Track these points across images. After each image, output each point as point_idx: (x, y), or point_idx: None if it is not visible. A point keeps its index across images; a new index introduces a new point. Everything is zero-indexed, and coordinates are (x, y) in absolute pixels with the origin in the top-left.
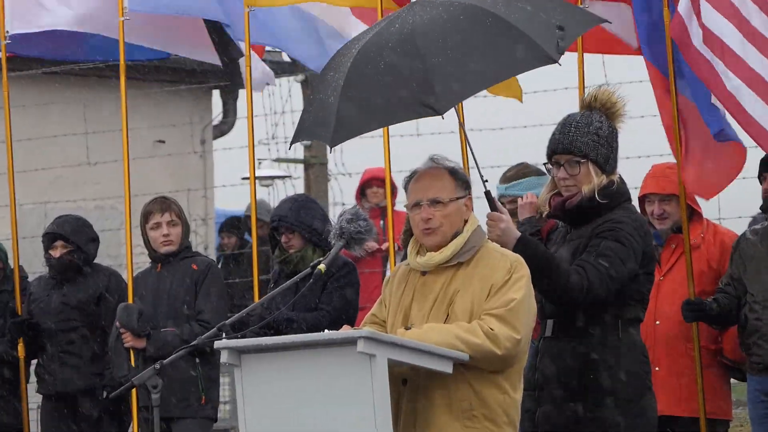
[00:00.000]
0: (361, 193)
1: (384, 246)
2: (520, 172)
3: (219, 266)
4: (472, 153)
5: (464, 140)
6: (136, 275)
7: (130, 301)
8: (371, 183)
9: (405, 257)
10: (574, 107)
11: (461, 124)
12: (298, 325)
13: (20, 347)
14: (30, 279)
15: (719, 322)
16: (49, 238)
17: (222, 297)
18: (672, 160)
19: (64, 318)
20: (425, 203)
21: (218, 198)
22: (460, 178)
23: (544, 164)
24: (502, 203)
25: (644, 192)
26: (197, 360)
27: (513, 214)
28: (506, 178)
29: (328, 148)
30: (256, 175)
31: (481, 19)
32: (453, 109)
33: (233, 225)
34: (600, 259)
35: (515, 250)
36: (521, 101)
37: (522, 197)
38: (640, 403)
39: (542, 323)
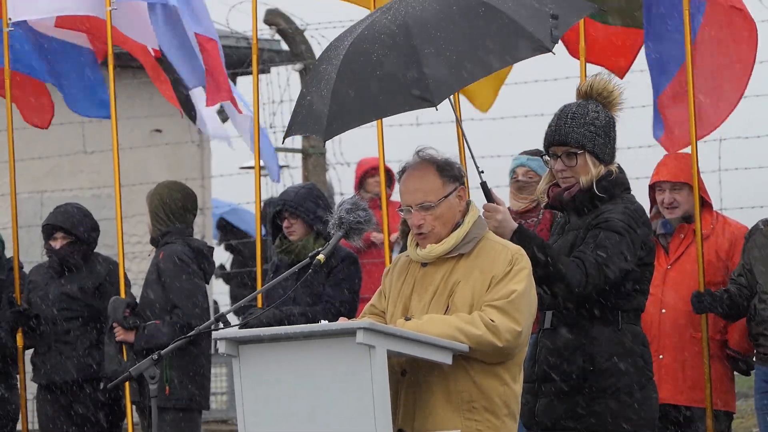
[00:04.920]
0: (360, 183)
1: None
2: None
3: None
4: (468, 144)
5: (460, 131)
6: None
7: (122, 291)
8: (371, 173)
9: (405, 248)
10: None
11: (457, 117)
12: (313, 317)
13: (19, 337)
14: (26, 268)
15: (730, 313)
16: (49, 229)
17: (184, 287)
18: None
19: (63, 308)
20: (414, 209)
21: (215, 188)
22: (447, 173)
23: (542, 156)
24: (518, 173)
25: (655, 179)
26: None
27: (526, 186)
28: (526, 153)
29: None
30: (254, 165)
31: (474, 9)
32: (448, 99)
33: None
34: (598, 251)
35: (512, 240)
36: (484, 111)
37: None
38: (641, 394)
39: (542, 315)
